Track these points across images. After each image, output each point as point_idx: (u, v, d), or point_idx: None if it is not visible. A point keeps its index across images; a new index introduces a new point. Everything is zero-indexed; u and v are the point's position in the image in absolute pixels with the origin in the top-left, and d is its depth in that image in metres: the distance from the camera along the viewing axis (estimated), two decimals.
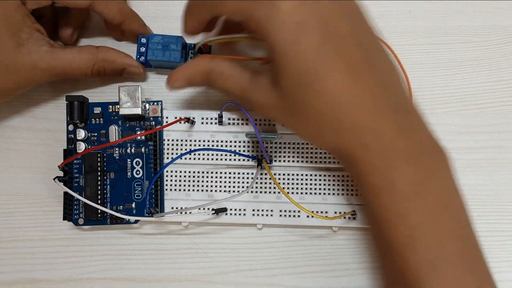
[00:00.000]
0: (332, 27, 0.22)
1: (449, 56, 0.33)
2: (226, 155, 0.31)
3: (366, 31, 0.24)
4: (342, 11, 0.22)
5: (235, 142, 0.31)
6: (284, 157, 0.31)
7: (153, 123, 0.31)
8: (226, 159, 0.31)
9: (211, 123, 0.31)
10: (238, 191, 0.31)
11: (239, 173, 0.31)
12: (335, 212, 0.30)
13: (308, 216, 0.30)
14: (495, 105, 0.32)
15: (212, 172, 0.31)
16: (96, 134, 0.31)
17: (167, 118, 0.31)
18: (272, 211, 0.31)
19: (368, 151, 0.23)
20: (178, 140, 0.31)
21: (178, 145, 0.31)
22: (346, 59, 0.22)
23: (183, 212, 0.30)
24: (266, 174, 0.31)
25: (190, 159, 0.31)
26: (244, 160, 0.31)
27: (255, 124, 0.28)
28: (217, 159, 0.31)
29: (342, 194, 0.30)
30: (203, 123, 0.31)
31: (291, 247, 0.31)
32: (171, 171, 0.31)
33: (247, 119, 0.31)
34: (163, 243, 0.31)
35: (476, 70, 0.32)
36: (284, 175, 0.31)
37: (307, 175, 0.31)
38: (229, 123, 0.31)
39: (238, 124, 0.31)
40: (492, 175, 0.32)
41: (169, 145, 0.31)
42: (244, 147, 0.31)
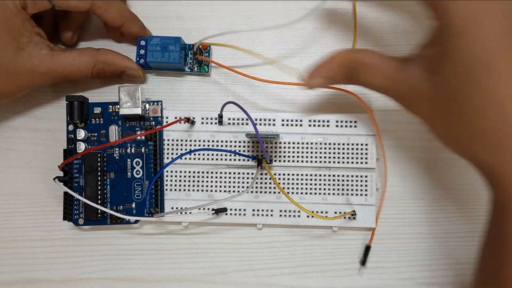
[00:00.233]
0: None
1: None
2: (226, 155, 0.31)
3: None
4: None
5: (235, 142, 0.31)
6: (284, 157, 0.31)
7: (153, 123, 0.31)
8: (226, 159, 0.31)
9: (211, 123, 0.31)
10: (238, 191, 0.31)
11: (239, 173, 0.31)
12: (335, 212, 0.30)
13: (308, 216, 0.30)
14: None
15: (212, 172, 0.31)
16: (96, 134, 0.31)
17: (167, 118, 0.31)
18: (272, 211, 0.31)
19: None
20: (178, 140, 0.31)
21: (178, 145, 0.31)
22: None
23: (183, 212, 0.30)
24: (266, 174, 0.31)
25: (190, 159, 0.31)
26: (244, 160, 0.31)
27: (255, 124, 0.28)
28: (217, 159, 0.31)
29: (342, 194, 0.31)
30: (203, 123, 0.31)
31: (291, 247, 0.31)
32: (171, 171, 0.31)
33: (247, 119, 0.31)
34: (163, 243, 0.31)
35: None
36: (284, 175, 0.31)
37: (307, 175, 0.31)
38: (229, 123, 0.31)
39: (238, 124, 0.31)
40: None
41: (169, 145, 0.31)
42: (244, 147, 0.31)
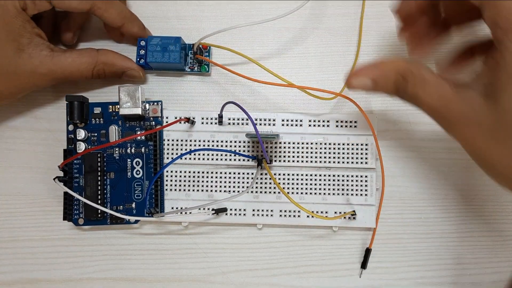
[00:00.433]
0: None
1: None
2: (226, 155, 0.31)
3: None
4: None
5: (235, 142, 0.31)
6: (284, 157, 0.31)
7: (153, 123, 0.31)
8: (226, 159, 0.31)
9: (211, 123, 0.31)
10: (238, 191, 0.31)
11: (239, 173, 0.31)
12: (335, 212, 0.30)
13: (308, 216, 0.30)
14: None
15: (212, 172, 0.31)
16: (96, 134, 0.31)
17: (167, 118, 0.31)
18: (272, 211, 0.31)
19: None
20: (178, 140, 0.31)
21: (178, 145, 0.31)
22: None
23: (183, 212, 0.30)
24: (266, 174, 0.31)
25: (190, 159, 0.31)
26: (244, 160, 0.31)
27: (255, 124, 0.28)
28: (217, 159, 0.31)
29: (342, 194, 0.30)
30: (203, 123, 0.31)
31: (291, 247, 0.31)
32: (171, 171, 0.31)
33: (247, 119, 0.31)
34: (163, 243, 0.31)
35: None
36: (284, 175, 0.31)
37: (307, 175, 0.31)
38: (229, 123, 0.31)
39: (238, 124, 0.31)
40: None
41: (169, 145, 0.31)
42: (244, 147, 0.31)
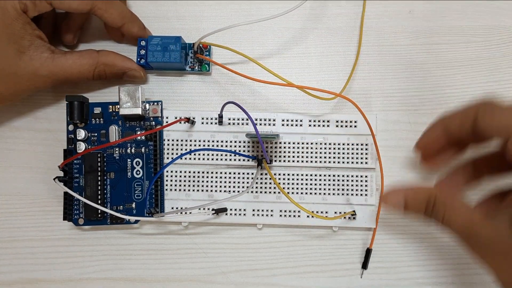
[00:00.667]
0: None
1: (449, 56, 0.33)
2: (226, 155, 0.31)
3: None
4: None
5: (235, 142, 0.31)
6: (284, 157, 0.31)
7: (153, 123, 0.31)
8: (226, 159, 0.31)
9: (211, 123, 0.31)
10: (238, 191, 0.31)
11: (239, 173, 0.31)
12: (335, 212, 0.30)
13: (308, 216, 0.30)
14: None
15: (212, 172, 0.31)
16: (96, 134, 0.31)
17: (167, 118, 0.31)
18: (272, 211, 0.31)
19: None
20: (178, 140, 0.31)
21: (178, 145, 0.31)
22: None
23: (183, 212, 0.30)
24: (266, 174, 0.31)
25: (190, 159, 0.31)
26: (244, 160, 0.31)
27: (255, 124, 0.28)
28: (217, 159, 0.31)
29: (342, 194, 0.31)
30: (203, 123, 0.31)
31: (291, 247, 0.31)
32: (171, 171, 0.31)
33: (247, 119, 0.31)
34: (163, 243, 0.31)
35: (476, 70, 0.32)
36: (284, 175, 0.31)
37: (307, 175, 0.31)
38: (229, 123, 0.31)
39: (238, 124, 0.31)
40: None
41: (169, 145, 0.31)
42: (244, 147, 0.31)
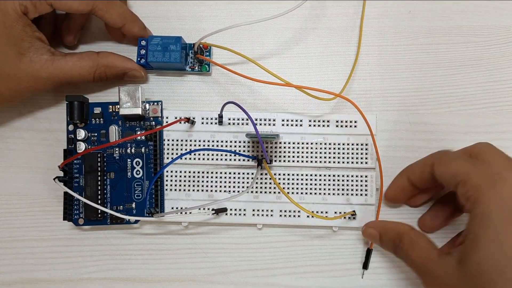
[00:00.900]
0: None
1: (449, 56, 0.33)
2: (226, 155, 0.31)
3: None
4: None
5: (235, 142, 0.31)
6: (284, 157, 0.31)
7: (153, 123, 0.31)
8: (226, 159, 0.31)
9: (211, 123, 0.31)
10: (238, 191, 0.31)
11: (239, 173, 0.31)
12: (335, 212, 0.30)
13: (308, 216, 0.30)
14: (495, 105, 0.32)
15: (212, 172, 0.31)
16: (96, 134, 0.31)
17: (167, 118, 0.31)
18: (272, 211, 0.31)
19: None
20: (178, 140, 0.31)
21: (178, 145, 0.31)
22: None
23: (183, 212, 0.30)
24: (266, 174, 0.31)
25: (190, 159, 0.31)
26: (244, 160, 0.31)
27: (255, 124, 0.28)
28: (217, 159, 0.31)
29: (342, 194, 0.30)
30: (203, 123, 0.31)
31: (291, 247, 0.31)
32: (171, 171, 0.31)
33: (247, 119, 0.31)
34: (163, 243, 0.31)
35: (476, 70, 0.32)
36: (284, 175, 0.31)
37: (307, 175, 0.31)
38: (229, 123, 0.31)
39: (238, 124, 0.31)
40: None
41: (169, 145, 0.31)
42: (244, 147, 0.31)
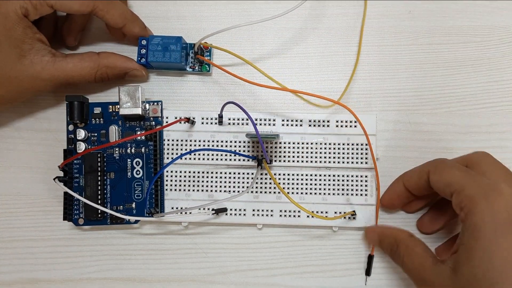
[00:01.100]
0: None
1: (449, 56, 0.33)
2: (226, 155, 0.31)
3: None
4: None
5: (235, 142, 0.31)
6: (284, 157, 0.31)
7: (153, 123, 0.31)
8: (226, 159, 0.31)
9: (211, 123, 0.31)
10: (238, 191, 0.31)
11: (239, 173, 0.31)
12: (335, 212, 0.30)
13: (308, 216, 0.30)
14: (495, 105, 0.32)
15: (212, 172, 0.31)
16: (96, 134, 0.31)
17: (167, 118, 0.31)
18: (272, 211, 0.31)
19: None
20: (178, 140, 0.31)
21: (178, 145, 0.31)
22: None
23: (183, 212, 0.30)
24: (266, 174, 0.31)
25: (190, 159, 0.31)
26: (244, 160, 0.31)
27: (255, 124, 0.28)
28: (217, 159, 0.31)
29: (342, 194, 0.31)
30: (203, 123, 0.31)
31: (291, 247, 0.31)
32: (171, 171, 0.31)
33: (247, 119, 0.31)
34: (163, 243, 0.31)
35: (476, 70, 0.32)
36: (284, 175, 0.31)
37: (307, 175, 0.31)
38: (229, 123, 0.31)
39: (238, 124, 0.31)
40: None
41: (169, 145, 0.31)
42: (244, 147, 0.31)
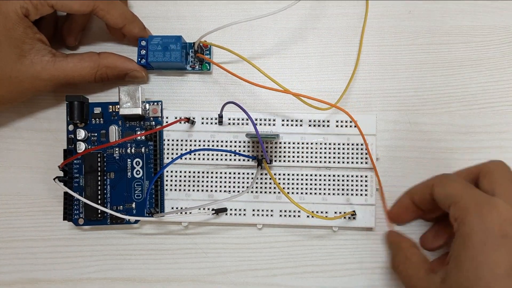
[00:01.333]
0: None
1: (449, 56, 0.33)
2: (226, 155, 0.31)
3: None
4: None
5: (235, 142, 0.31)
6: (284, 157, 0.31)
7: (153, 123, 0.31)
8: (226, 159, 0.31)
9: (211, 123, 0.31)
10: (238, 191, 0.31)
11: (239, 173, 0.31)
12: (335, 212, 0.30)
13: (308, 216, 0.30)
14: (495, 105, 0.32)
15: (212, 172, 0.31)
16: (96, 134, 0.31)
17: (167, 118, 0.31)
18: (272, 211, 0.31)
19: None
20: (178, 140, 0.31)
21: (178, 145, 0.31)
22: None
23: (183, 212, 0.30)
24: (266, 174, 0.31)
25: (190, 159, 0.31)
26: (244, 160, 0.31)
27: (255, 124, 0.28)
28: (217, 159, 0.31)
29: (342, 194, 0.31)
30: (203, 123, 0.31)
31: (291, 247, 0.31)
32: (171, 171, 0.31)
33: (247, 119, 0.31)
34: (163, 243, 0.31)
35: (476, 70, 0.32)
36: (284, 175, 0.31)
37: (307, 175, 0.31)
38: (229, 123, 0.31)
39: (238, 124, 0.31)
40: None
41: (169, 145, 0.31)
42: (244, 147, 0.31)
